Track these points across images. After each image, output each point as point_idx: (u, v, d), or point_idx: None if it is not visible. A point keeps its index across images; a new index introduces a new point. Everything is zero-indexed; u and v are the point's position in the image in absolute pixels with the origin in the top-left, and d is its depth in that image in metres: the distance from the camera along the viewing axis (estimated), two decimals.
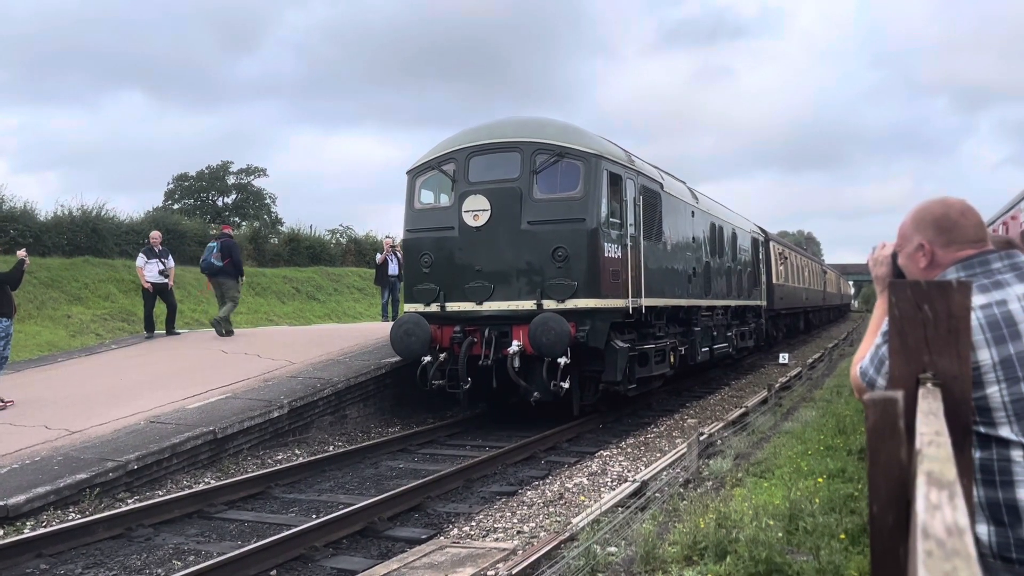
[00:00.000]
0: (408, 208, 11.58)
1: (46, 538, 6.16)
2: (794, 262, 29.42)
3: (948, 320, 1.83)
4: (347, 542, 6.44)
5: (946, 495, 0.91)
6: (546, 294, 10.28)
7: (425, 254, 11.11)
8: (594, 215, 10.42)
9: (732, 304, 17.75)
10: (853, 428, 8.77)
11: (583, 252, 10.30)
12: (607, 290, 10.48)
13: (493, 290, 10.55)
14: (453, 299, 10.81)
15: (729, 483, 7.09)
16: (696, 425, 11.18)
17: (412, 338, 10.49)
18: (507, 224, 10.53)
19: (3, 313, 10.17)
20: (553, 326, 9.70)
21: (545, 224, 10.44)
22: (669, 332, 13.02)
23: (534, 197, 10.58)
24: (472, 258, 10.71)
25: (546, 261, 10.35)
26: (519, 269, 10.51)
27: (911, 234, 2.27)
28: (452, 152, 11.20)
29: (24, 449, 8.09)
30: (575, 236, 10.32)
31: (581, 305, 10.21)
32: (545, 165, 10.64)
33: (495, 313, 10.53)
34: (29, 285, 16.57)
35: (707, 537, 4.97)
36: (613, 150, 11.43)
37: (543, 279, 10.35)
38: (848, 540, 4.94)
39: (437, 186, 11.51)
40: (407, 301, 11.37)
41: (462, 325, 10.65)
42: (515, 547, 5.76)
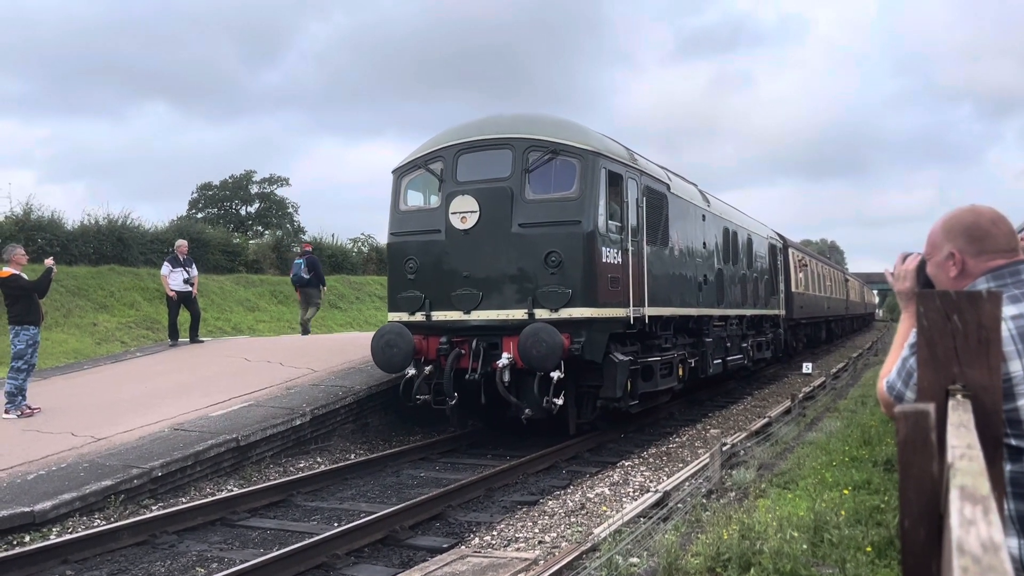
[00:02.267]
0: (393, 210, 10.84)
1: (72, 544, 6.22)
2: (815, 270, 28.56)
3: (978, 331, 1.81)
4: (369, 551, 6.45)
5: (980, 510, 0.90)
6: (538, 303, 9.55)
7: (410, 259, 10.34)
8: (591, 217, 9.64)
9: (747, 313, 16.93)
10: (879, 439, 8.66)
11: (578, 257, 9.53)
12: (605, 298, 9.75)
13: (481, 298, 9.81)
14: (439, 308, 10.07)
15: (752, 494, 7.02)
16: (719, 435, 11.09)
17: (394, 350, 9.73)
18: (497, 227, 9.77)
19: (31, 321, 10.31)
20: (544, 338, 8.92)
21: (538, 227, 9.68)
22: (677, 343, 12.32)
23: (526, 198, 9.82)
24: (460, 264, 9.97)
25: (538, 267, 9.60)
26: (510, 275, 9.77)
27: (941, 243, 2.24)
28: (439, 150, 10.47)
29: (51, 456, 8.18)
30: (570, 240, 9.55)
31: (576, 315, 9.45)
32: (538, 163, 9.89)
33: (484, 323, 9.80)
34: (56, 293, 16.81)
35: (730, 548, 4.92)
36: (612, 147, 10.65)
37: (535, 286, 9.60)
38: (875, 553, 4.87)
39: (425, 186, 10.81)
40: (391, 310, 10.58)
41: (449, 336, 9.93)
42: (536, 557, 5.74)
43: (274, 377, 11.60)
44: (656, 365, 11.05)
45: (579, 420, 10.28)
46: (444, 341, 9.86)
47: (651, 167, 11.99)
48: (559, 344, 8.93)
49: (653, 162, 12.54)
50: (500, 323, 9.72)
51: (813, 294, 27.42)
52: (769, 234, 20.80)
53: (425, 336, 10.06)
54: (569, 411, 10.02)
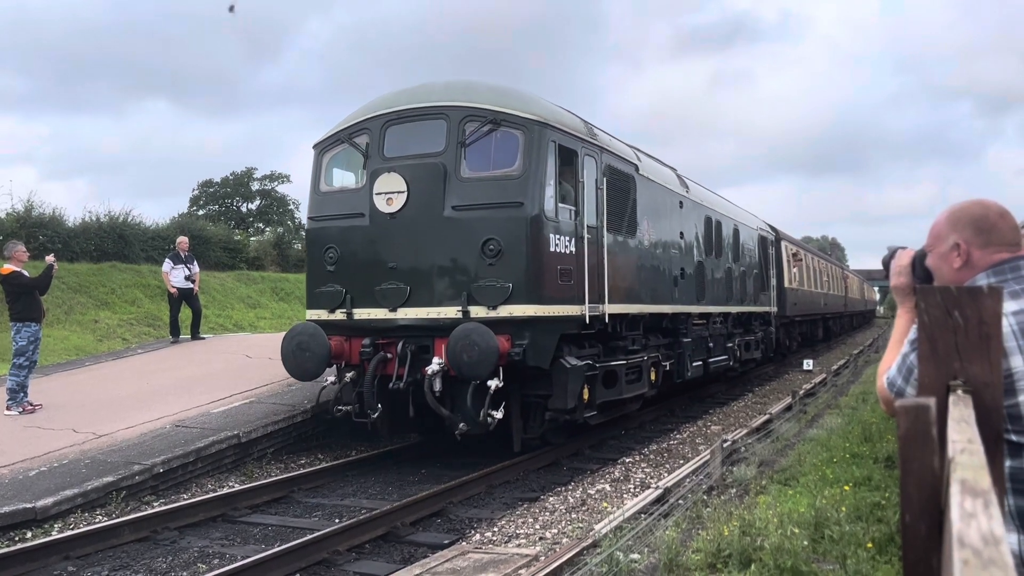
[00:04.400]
0: (312, 191, 9.52)
1: (73, 540, 6.23)
2: (810, 264, 27.15)
3: (979, 326, 1.81)
4: (370, 547, 6.46)
5: (981, 503, 0.90)
6: (474, 299, 8.21)
7: (329, 248, 9.02)
8: (536, 199, 8.26)
9: (733, 311, 15.58)
10: (879, 436, 8.67)
11: (520, 246, 8.16)
12: (554, 294, 8.39)
13: (410, 293, 8.49)
14: (362, 304, 8.76)
15: (753, 490, 7.04)
16: (720, 432, 11.10)
17: (306, 354, 8.46)
18: (427, 210, 8.45)
19: (32, 318, 10.31)
20: (477, 340, 7.59)
21: (473, 210, 8.36)
22: (649, 345, 11.02)
23: (461, 176, 8.48)
24: (385, 253, 8.66)
25: (474, 257, 8.25)
26: (442, 267, 8.44)
27: (946, 234, 2.23)
28: (365, 121, 9.14)
29: (52, 452, 8.19)
30: (510, 225, 8.20)
31: (518, 313, 8.10)
32: (476, 136, 8.53)
33: (412, 322, 8.50)
34: (57, 290, 16.81)
35: (731, 545, 4.93)
36: (565, 118, 9.29)
37: (471, 280, 8.27)
38: (875, 549, 4.88)
39: (350, 164, 9.45)
40: (309, 306, 9.25)
41: (373, 337, 8.64)
42: (537, 553, 5.75)
43: (275, 374, 11.61)
44: (621, 370, 9.77)
45: (526, 435, 8.93)
46: (367, 343, 8.58)
47: (615, 144, 10.55)
48: (494, 348, 7.61)
49: (620, 140, 11.12)
50: (430, 323, 8.40)
51: (808, 290, 26.17)
52: (759, 225, 19.38)
53: (348, 338, 8.81)
54: (513, 425, 8.72)
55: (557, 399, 8.46)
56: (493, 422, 8.02)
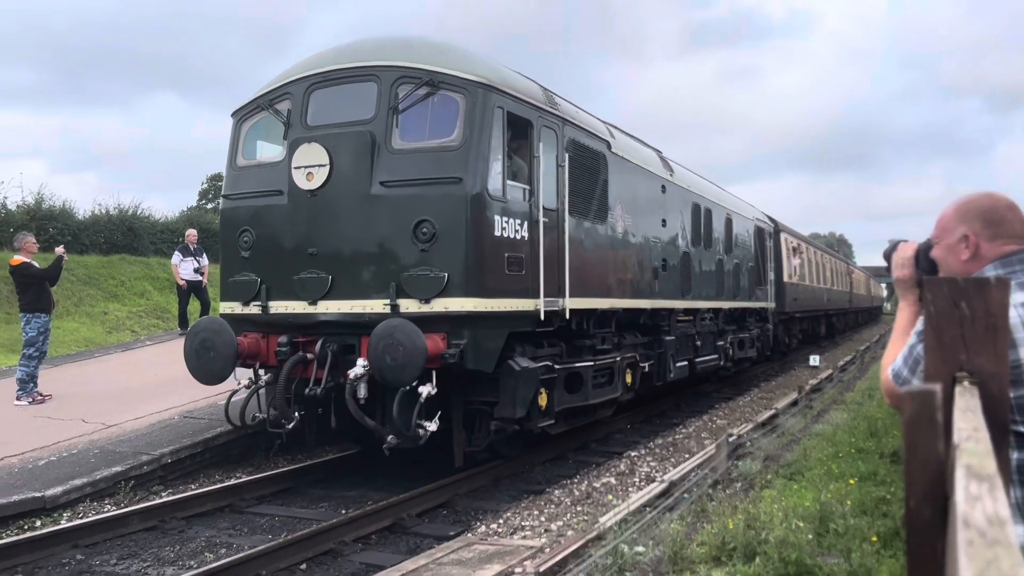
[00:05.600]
0: (229, 165, 8.37)
1: (82, 529, 6.28)
2: (812, 258, 25.82)
3: (986, 317, 1.81)
4: (376, 538, 6.50)
5: (986, 487, 0.91)
6: (404, 290, 7.07)
7: (244, 231, 7.87)
8: (478, 174, 7.11)
9: (724, 306, 14.45)
10: (885, 431, 8.67)
11: (458, 229, 7.03)
12: (500, 286, 7.27)
13: (331, 284, 7.35)
14: (279, 296, 7.62)
15: (758, 485, 7.04)
16: (725, 426, 11.10)
17: (211, 353, 7.35)
18: (352, 186, 7.31)
19: (42, 309, 10.37)
20: (401, 340, 6.49)
21: (405, 186, 7.20)
22: (623, 344, 9.97)
23: (393, 147, 7.32)
24: (304, 236, 7.51)
25: (405, 241, 7.12)
26: (368, 253, 7.29)
27: (954, 225, 2.23)
28: (288, 84, 7.98)
29: (62, 442, 8.25)
30: (446, 204, 7.07)
31: (454, 307, 6.97)
32: (410, 100, 7.36)
33: (335, 318, 7.34)
34: (67, 282, 16.89)
35: (736, 538, 4.94)
36: (517, 82, 8.06)
37: (400, 268, 7.12)
38: (880, 543, 4.89)
39: (271, 134, 8.29)
40: (222, 298, 8.13)
41: (291, 334, 7.49)
42: (542, 545, 5.77)
43: None
44: (587, 372, 8.71)
45: (470, 447, 7.76)
46: (284, 342, 7.44)
47: (582, 116, 9.36)
48: (420, 348, 6.49)
49: (589, 112, 9.95)
50: (355, 318, 7.23)
51: (810, 285, 24.89)
52: (756, 215, 18.12)
53: (265, 334, 7.65)
54: (455, 436, 7.59)
55: (504, 407, 7.33)
56: (425, 434, 6.90)
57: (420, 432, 6.88)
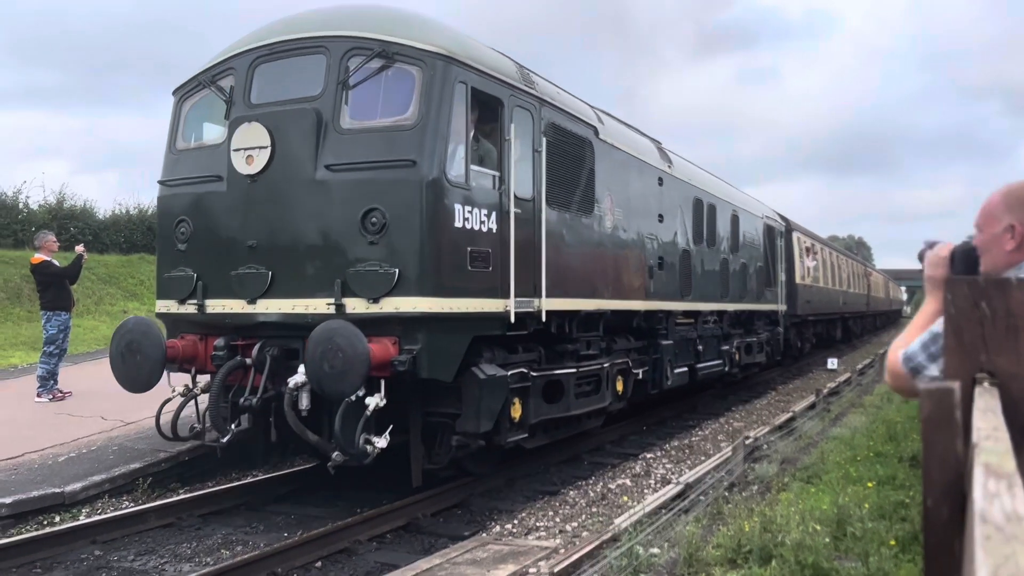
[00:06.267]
0: (168, 148, 7.62)
1: (100, 525, 6.34)
2: (827, 259, 25.04)
3: (1007, 318, 1.79)
4: (391, 537, 6.51)
5: (1005, 484, 0.90)
6: (350, 288, 6.33)
7: (181, 221, 7.18)
8: (435, 157, 6.35)
9: (729, 308, 13.66)
10: (904, 435, 8.59)
11: (412, 218, 6.27)
12: (461, 284, 6.53)
13: (272, 280, 6.64)
14: (216, 294, 6.93)
15: (775, 487, 7.00)
16: (742, 429, 11.05)
17: (137, 358, 6.66)
18: (295, 170, 6.58)
19: (62, 307, 10.48)
20: (341, 345, 5.77)
21: (353, 170, 6.45)
22: (614, 349, 9.26)
23: (341, 126, 6.58)
24: (243, 227, 6.80)
25: (352, 232, 6.38)
26: (312, 246, 6.57)
27: (1000, 214, 2.17)
28: (232, 59, 7.23)
29: (81, 439, 8.33)
30: (398, 191, 6.31)
31: (406, 308, 6.21)
32: (362, 74, 6.62)
33: (275, 318, 6.62)
34: (87, 281, 17.07)
35: (752, 540, 4.91)
36: (486, 56, 7.25)
37: (347, 263, 6.39)
38: (899, 547, 4.84)
39: (214, 114, 7.52)
40: (158, 296, 7.41)
41: (229, 337, 6.78)
42: (557, 546, 5.76)
43: None
44: (568, 380, 8.01)
45: (430, 465, 7.03)
46: (221, 345, 6.74)
47: (564, 98, 8.51)
48: (362, 355, 5.79)
49: (572, 94, 9.07)
50: (297, 319, 6.51)
51: (825, 287, 24.13)
52: (766, 213, 17.32)
53: (203, 336, 7.01)
54: (412, 452, 6.88)
55: (467, 419, 6.62)
56: (374, 451, 6.23)
57: (368, 449, 6.20)
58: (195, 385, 7.05)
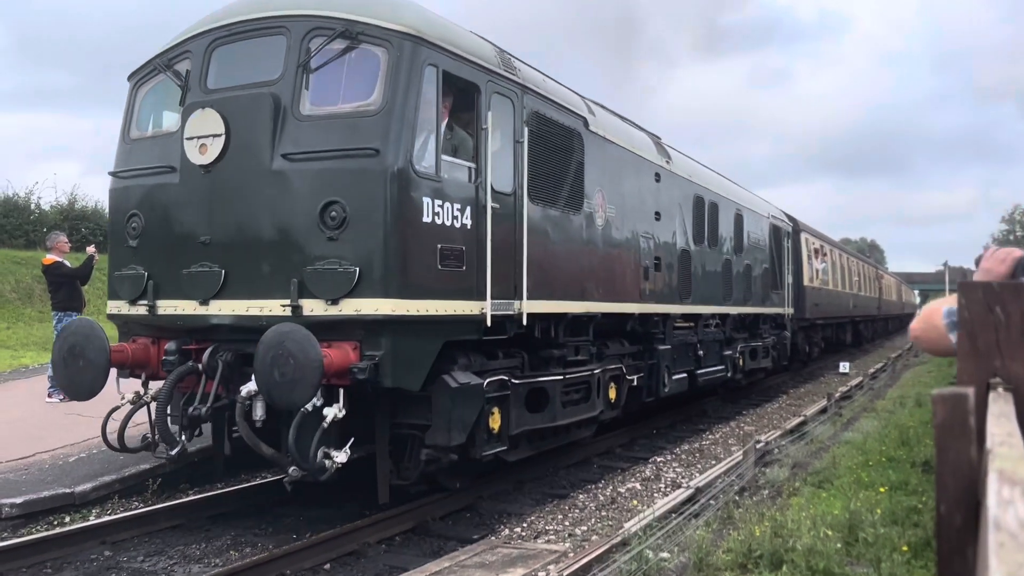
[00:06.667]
0: (121, 138, 7.16)
1: (110, 525, 6.36)
2: (837, 261, 24.47)
3: (1022, 323, 1.77)
4: (399, 539, 6.51)
5: (1019, 491, 0.88)
6: (308, 288, 5.84)
7: (133, 216, 6.71)
8: (401, 145, 5.86)
9: (733, 312, 13.16)
10: (917, 440, 8.53)
11: (375, 212, 5.79)
12: (430, 284, 6.03)
13: (225, 279, 6.17)
14: (168, 293, 6.45)
15: (786, 492, 6.96)
16: (753, 433, 11.00)
17: (80, 363, 6.21)
18: (251, 160, 6.10)
19: (74, 307, 10.54)
20: (292, 351, 5.31)
21: (311, 160, 5.98)
22: (606, 354, 8.82)
23: (301, 112, 6.11)
24: (196, 222, 6.33)
25: (311, 227, 5.90)
26: (268, 242, 6.08)
27: None
28: (188, 41, 6.77)
29: (92, 439, 8.35)
30: (360, 182, 5.84)
31: (368, 310, 5.72)
32: (324, 56, 6.16)
33: (228, 321, 6.15)
34: (98, 282, 17.15)
35: (762, 545, 4.88)
36: (461, 38, 6.77)
37: (304, 260, 5.89)
38: (911, 553, 4.80)
39: (170, 101, 6.97)
40: (110, 296, 6.96)
41: (181, 340, 6.37)
42: (566, 549, 5.74)
43: None
44: (554, 387, 7.55)
45: (399, 480, 6.52)
46: (172, 349, 6.33)
47: (550, 86, 8.02)
48: (314, 361, 5.30)
49: (560, 83, 8.54)
50: (251, 322, 6.00)
51: (834, 290, 23.57)
52: (772, 212, 16.74)
53: (155, 339, 6.58)
54: (379, 467, 6.31)
55: (437, 432, 6.13)
56: (332, 467, 5.73)
57: (326, 464, 5.71)
58: (146, 392, 6.53)
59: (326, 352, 5.45)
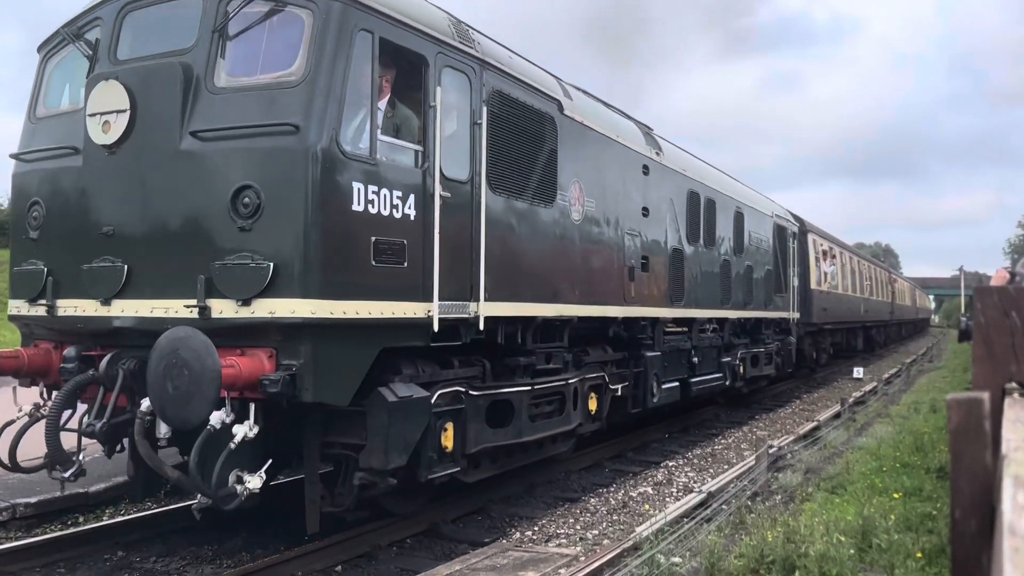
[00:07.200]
0: (28, 116, 6.50)
1: (123, 526, 6.40)
2: (847, 264, 23.76)
3: None
4: (411, 542, 6.51)
5: None
6: (217, 286, 5.10)
7: (35, 203, 6.04)
8: (326, 122, 5.13)
9: (732, 316, 12.50)
10: (932, 446, 8.46)
11: (294, 199, 5.05)
12: (362, 282, 5.30)
13: (128, 275, 5.45)
14: (68, 292, 5.75)
15: (799, 497, 6.93)
16: (766, 437, 10.94)
17: None
18: (158, 139, 5.37)
19: None
20: (187, 359, 4.62)
21: (224, 138, 5.25)
22: (585, 361, 8.14)
23: (215, 84, 5.39)
24: (99, 210, 5.63)
25: (221, 217, 5.16)
26: (175, 233, 5.35)
27: None
28: (98, 7, 6.09)
29: None
30: (277, 163, 5.11)
31: (284, 312, 4.97)
32: (243, 20, 5.47)
33: (131, 323, 5.42)
34: None
35: (775, 551, 4.85)
36: (404, 2, 5.92)
37: (214, 255, 5.15)
38: (925, 560, 4.76)
39: (80, 74, 6.13)
40: (11, 295, 6.22)
41: (82, 346, 5.70)
42: (577, 553, 5.73)
43: None
44: (520, 399, 6.89)
45: (332, 508, 5.73)
46: (72, 355, 5.66)
47: (518, 64, 7.25)
48: (211, 372, 4.59)
49: (533, 63, 7.76)
50: (156, 325, 5.20)
51: (844, 294, 22.89)
52: (776, 212, 15.99)
53: (57, 344, 5.90)
54: (307, 492, 5.58)
55: (371, 453, 5.39)
56: (243, 493, 5.01)
57: (237, 489, 5.00)
58: (45, 403, 5.78)
59: (234, 361, 4.81)
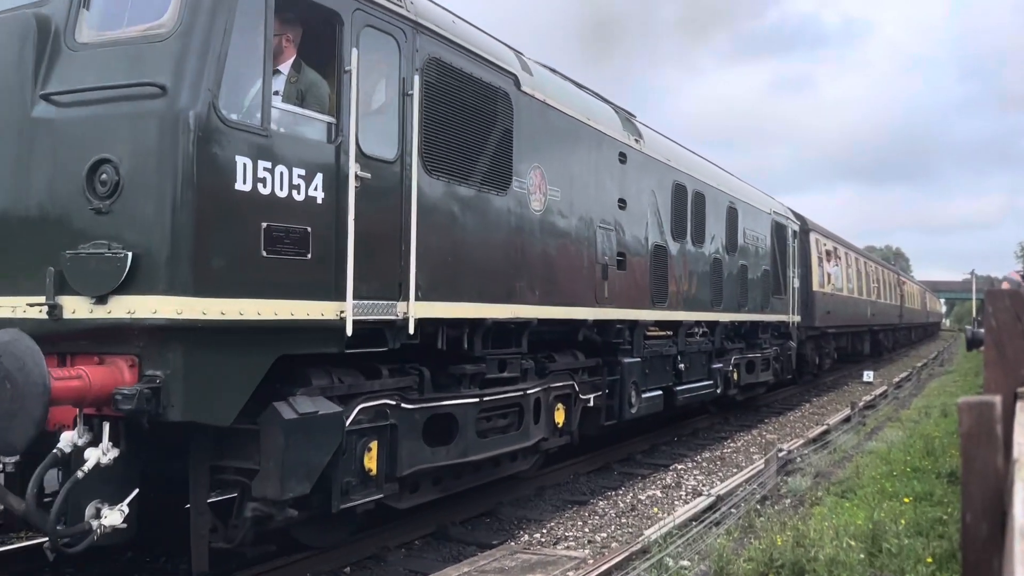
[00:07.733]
0: None
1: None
2: (852, 265, 22.90)
3: None
4: (419, 544, 6.51)
5: None
6: (69, 280, 4.30)
7: None
8: (202, 83, 4.30)
9: (723, 319, 11.61)
10: (942, 450, 8.43)
11: (161, 175, 4.23)
12: (249, 277, 4.47)
13: None
14: None
15: (808, 501, 6.91)
16: (775, 441, 10.91)
17: None
18: (3, 105, 4.63)
19: None
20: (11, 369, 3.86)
21: (80, 104, 4.46)
22: (550, 369, 7.37)
23: (76, 40, 4.60)
24: None
25: (75, 197, 4.37)
26: (22, 217, 4.55)
27: None
28: None
29: None
30: (139, 132, 4.31)
31: (144, 312, 4.16)
32: None
33: None
34: None
35: (784, 555, 4.84)
36: None
37: (64, 243, 4.35)
38: (936, 565, 4.74)
39: None
40: None
41: None
42: (586, 556, 5.73)
43: None
44: (465, 413, 6.13)
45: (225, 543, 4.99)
46: None
47: (462, 29, 6.36)
48: (35, 387, 3.83)
49: (485, 31, 6.89)
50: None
51: (850, 296, 22.06)
52: (775, 208, 15.03)
53: None
54: (193, 526, 4.80)
55: (265, 480, 4.58)
56: (98, 531, 4.23)
57: (92, 525, 4.21)
58: None
59: (81, 371, 4.10)
